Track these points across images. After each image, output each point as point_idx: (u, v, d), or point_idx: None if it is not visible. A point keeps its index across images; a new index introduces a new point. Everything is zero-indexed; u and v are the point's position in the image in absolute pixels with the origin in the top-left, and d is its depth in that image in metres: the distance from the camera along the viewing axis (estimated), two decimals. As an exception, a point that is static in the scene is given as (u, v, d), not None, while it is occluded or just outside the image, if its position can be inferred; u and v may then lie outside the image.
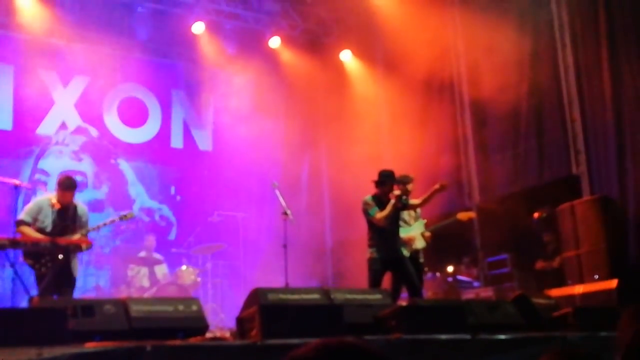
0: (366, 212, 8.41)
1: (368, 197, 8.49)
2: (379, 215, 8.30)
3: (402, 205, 8.48)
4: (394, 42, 12.86)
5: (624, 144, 10.09)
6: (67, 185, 7.96)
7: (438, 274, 12.01)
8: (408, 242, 8.96)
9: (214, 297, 11.38)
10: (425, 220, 9.36)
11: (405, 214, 9.10)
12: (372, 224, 8.40)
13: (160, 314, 5.94)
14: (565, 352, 2.06)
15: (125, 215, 8.58)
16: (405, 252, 8.83)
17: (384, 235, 8.38)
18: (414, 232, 9.12)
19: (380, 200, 8.44)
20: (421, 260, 9.21)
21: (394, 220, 8.50)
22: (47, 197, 8.04)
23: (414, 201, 8.66)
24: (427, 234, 9.23)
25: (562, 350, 2.07)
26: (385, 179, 8.50)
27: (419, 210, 9.30)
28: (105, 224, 8.47)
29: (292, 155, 13.01)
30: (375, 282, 8.26)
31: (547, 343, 6.78)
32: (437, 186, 8.42)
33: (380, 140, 13.47)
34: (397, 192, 8.42)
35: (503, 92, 11.68)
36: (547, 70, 11.41)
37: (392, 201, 8.30)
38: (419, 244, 9.13)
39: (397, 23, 12.60)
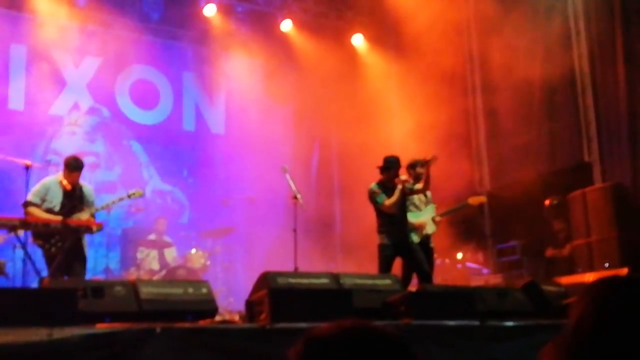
0: (373, 200, 8.40)
1: (374, 185, 8.47)
2: (387, 202, 8.30)
3: (409, 190, 8.46)
4: (406, 26, 12.78)
5: (636, 131, 10.03)
6: (74, 166, 7.98)
7: (447, 260, 11.99)
8: (418, 228, 8.86)
9: (223, 281, 11.41)
10: (436, 205, 9.23)
11: (415, 199, 9.00)
12: (380, 211, 8.40)
13: (170, 296, 5.97)
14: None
15: (133, 193, 8.58)
16: (416, 238, 8.79)
17: (393, 221, 8.36)
18: (424, 217, 9.01)
19: (385, 187, 8.43)
20: (431, 245, 9.07)
21: (402, 206, 8.48)
22: (55, 177, 8.04)
23: (417, 185, 8.58)
24: (438, 219, 9.11)
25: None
26: (390, 165, 8.47)
27: (429, 195, 9.19)
28: (113, 202, 8.53)
29: (302, 139, 13.00)
30: (385, 267, 8.23)
31: (556, 331, 6.73)
32: (428, 158, 8.36)
33: (390, 125, 13.42)
34: (403, 177, 8.37)
35: (515, 78, 11.61)
36: (561, 57, 11.32)
37: (399, 187, 8.29)
38: (430, 229, 9.00)
39: (410, 7, 12.52)
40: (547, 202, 11.07)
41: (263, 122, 13.23)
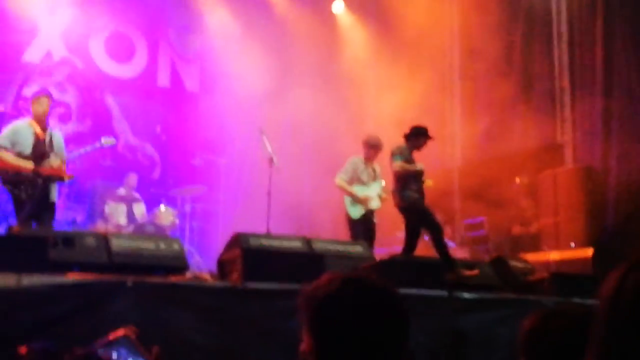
0: (392, 156, 8.25)
1: (401, 146, 8.33)
2: (404, 165, 8.16)
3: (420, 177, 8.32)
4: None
5: (610, 116, 10.14)
6: (42, 94, 7.83)
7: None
8: (363, 201, 8.99)
9: (190, 240, 11.34)
10: (383, 182, 9.27)
11: (363, 174, 9.13)
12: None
13: (141, 250, 5.93)
14: (558, 311, 2.06)
15: (107, 141, 8.47)
16: (359, 211, 8.98)
17: (416, 179, 8.26)
18: (370, 192, 9.11)
19: (409, 153, 8.34)
20: (374, 220, 9.21)
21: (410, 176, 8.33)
22: (25, 121, 7.84)
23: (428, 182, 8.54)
24: (384, 195, 9.14)
25: (554, 309, 2.08)
26: (419, 133, 8.39)
27: (378, 170, 9.31)
28: (86, 150, 8.42)
29: (277, 103, 12.88)
30: (430, 218, 8.15)
31: (521, 306, 6.88)
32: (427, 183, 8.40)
33: (365, 97, 13.42)
34: (419, 165, 8.35)
35: (494, 58, 11.66)
36: (540, 38, 11.39)
37: (418, 166, 8.26)
38: (374, 204, 9.11)
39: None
40: (517, 180, 11.19)
41: (239, 82, 13.07)
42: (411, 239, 8.28)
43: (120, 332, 1.82)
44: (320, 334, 1.67)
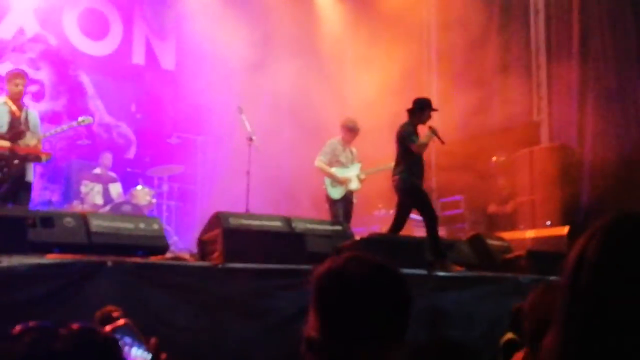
0: (407, 138, 7.82)
1: (407, 124, 7.93)
2: (420, 142, 7.82)
3: (436, 136, 7.89)
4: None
5: (586, 94, 10.21)
6: (17, 74, 7.73)
7: (392, 211, 12.10)
8: (343, 182, 9.17)
9: (167, 220, 11.28)
10: (360, 164, 9.50)
11: (342, 156, 9.29)
12: (408, 152, 7.83)
13: (121, 230, 5.89)
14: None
15: (83, 120, 8.40)
16: (339, 192, 9.14)
17: (419, 163, 7.96)
18: (349, 173, 9.32)
19: (415, 128, 7.96)
20: (354, 201, 9.40)
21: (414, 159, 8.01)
22: (0, 98, 7.76)
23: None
24: (363, 176, 9.40)
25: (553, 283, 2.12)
26: (424, 106, 8.00)
27: (355, 152, 9.49)
28: (62, 129, 8.36)
29: (255, 80, 12.80)
30: (428, 201, 8.00)
31: (499, 283, 6.98)
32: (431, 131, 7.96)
33: (344, 73, 13.40)
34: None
35: (471, 37, 11.67)
36: (518, 17, 11.41)
37: (428, 132, 7.88)
38: (353, 185, 9.31)
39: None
40: (493, 158, 11.25)
41: (215, 60, 12.95)
42: (401, 220, 8.16)
43: (121, 321, 1.80)
44: (324, 311, 1.69)
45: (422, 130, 8.06)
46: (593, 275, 1.24)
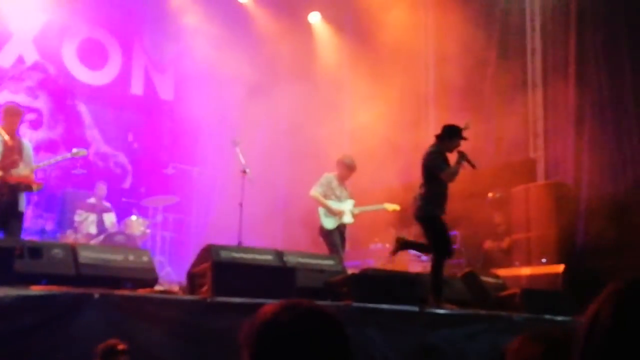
0: (436, 165, 7.43)
1: (436, 149, 7.54)
2: (450, 170, 7.46)
3: (466, 161, 7.55)
4: (365, 9, 12.77)
5: (582, 132, 10.20)
6: (14, 111, 7.74)
7: (387, 245, 12.06)
8: (337, 214, 9.21)
9: (161, 251, 11.23)
10: (354, 201, 9.53)
11: (337, 190, 9.34)
12: (434, 179, 7.43)
13: (110, 262, 5.85)
14: (543, 335, 2.04)
15: (77, 152, 8.39)
16: (333, 223, 9.17)
17: (444, 193, 7.56)
18: (344, 206, 9.35)
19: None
20: (345, 235, 9.39)
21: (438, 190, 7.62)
22: None
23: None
24: (356, 212, 9.46)
25: (539, 332, 2.06)
26: (453, 133, 7.58)
27: (348, 190, 9.55)
28: (56, 160, 8.37)
29: (253, 112, 12.83)
30: (446, 235, 7.53)
31: (492, 321, 6.89)
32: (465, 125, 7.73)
33: (342, 106, 13.43)
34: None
35: (469, 70, 11.70)
36: (515, 52, 11.46)
37: (458, 158, 7.53)
38: (347, 219, 9.34)
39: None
40: (489, 194, 11.22)
41: (214, 92, 13.01)
42: (439, 245, 7.54)
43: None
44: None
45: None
46: (607, 340, 1.25)
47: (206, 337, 5.25)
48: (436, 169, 7.42)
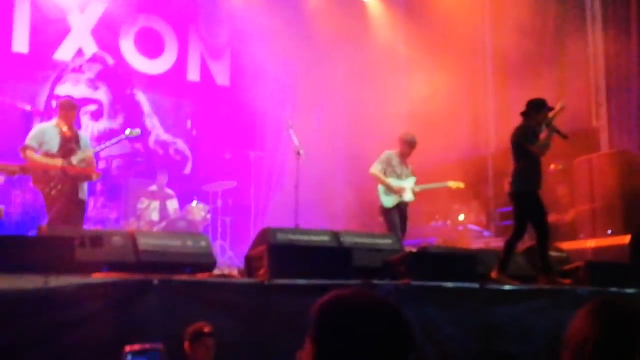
0: (528, 139, 7.30)
1: (524, 126, 7.40)
2: (540, 143, 7.30)
3: (556, 132, 7.35)
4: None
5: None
6: (70, 105, 7.94)
7: (449, 222, 11.96)
8: (397, 192, 9.09)
9: (222, 235, 11.37)
10: (415, 178, 9.40)
11: (398, 167, 9.21)
12: (526, 154, 7.31)
13: (168, 248, 5.94)
14: (611, 303, 1.98)
15: (131, 132, 8.52)
16: (394, 200, 9.05)
17: (536, 168, 7.42)
18: (405, 184, 9.22)
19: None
20: (407, 213, 9.25)
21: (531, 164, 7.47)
22: (51, 122, 7.97)
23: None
24: (417, 189, 9.33)
25: (607, 301, 2.00)
26: (540, 107, 7.42)
27: (410, 167, 9.39)
28: (112, 143, 8.52)
29: (308, 95, 12.83)
30: (541, 213, 7.33)
31: (556, 296, 6.74)
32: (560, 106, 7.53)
33: (397, 84, 13.28)
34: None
35: (526, 43, 11.43)
36: (574, 23, 11.13)
37: (547, 130, 7.34)
38: (407, 196, 9.19)
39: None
40: (551, 166, 10.96)
41: (269, 76, 13.05)
42: (521, 225, 7.45)
43: (158, 345, 1.83)
44: (319, 341, 1.68)
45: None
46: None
47: (264, 318, 5.29)
48: (526, 143, 7.29)
